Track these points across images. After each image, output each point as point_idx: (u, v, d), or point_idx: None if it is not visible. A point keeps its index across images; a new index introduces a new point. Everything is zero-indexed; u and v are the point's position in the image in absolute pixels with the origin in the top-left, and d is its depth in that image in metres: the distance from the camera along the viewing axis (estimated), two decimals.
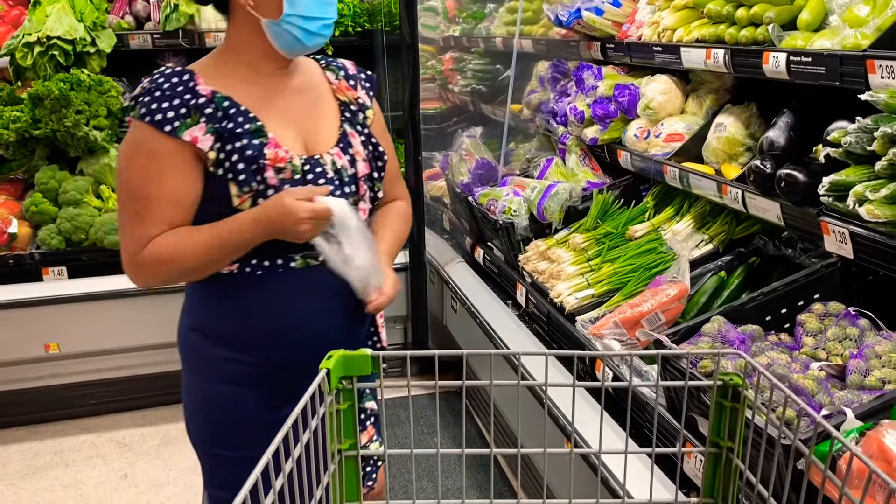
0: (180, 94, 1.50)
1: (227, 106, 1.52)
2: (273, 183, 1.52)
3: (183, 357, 1.72)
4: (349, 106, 1.70)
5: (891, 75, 1.62)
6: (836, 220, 1.74)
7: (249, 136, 1.51)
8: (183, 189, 1.51)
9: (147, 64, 3.82)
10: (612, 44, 2.86)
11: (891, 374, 1.56)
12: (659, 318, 2.18)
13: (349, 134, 1.66)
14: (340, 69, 1.74)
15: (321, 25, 1.57)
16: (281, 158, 1.53)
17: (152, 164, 1.49)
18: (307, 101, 1.65)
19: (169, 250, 1.51)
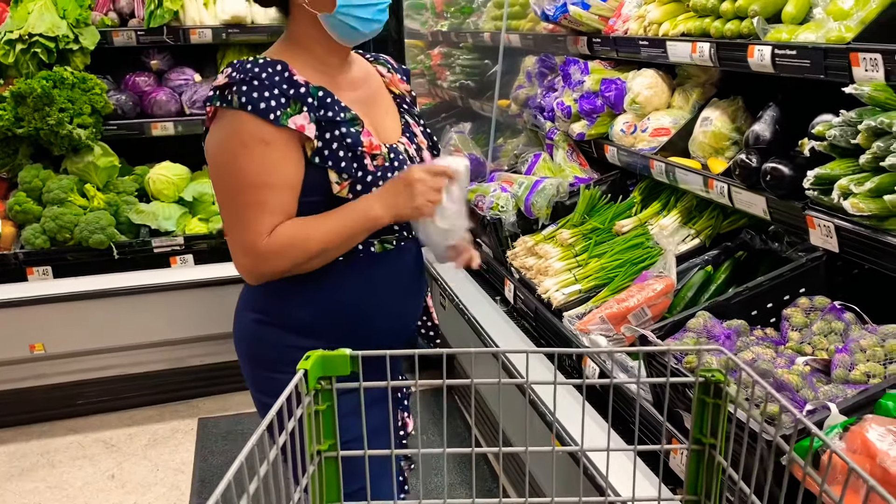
0: (279, 84, 1.52)
1: (323, 95, 1.56)
2: (371, 169, 1.58)
3: (249, 352, 1.74)
4: (405, 98, 1.78)
5: (875, 68, 1.61)
6: (822, 213, 1.73)
7: (347, 124, 1.57)
8: (295, 176, 1.55)
9: (131, 61, 3.79)
10: (599, 38, 2.85)
11: (875, 368, 1.55)
12: (646, 313, 2.17)
13: (411, 125, 1.75)
14: (387, 63, 1.81)
15: (376, 10, 1.58)
16: (376, 146, 1.59)
17: (266, 153, 1.51)
18: (368, 94, 1.70)
19: (295, 233, 1.55)
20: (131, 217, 3.44)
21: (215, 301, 3.32)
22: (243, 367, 1.78)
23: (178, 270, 3.43)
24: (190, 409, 3.51)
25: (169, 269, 3.43)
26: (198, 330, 3.39)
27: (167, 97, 3.67)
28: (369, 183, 1.58)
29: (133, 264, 3.40)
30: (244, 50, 3.85)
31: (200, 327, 3.38)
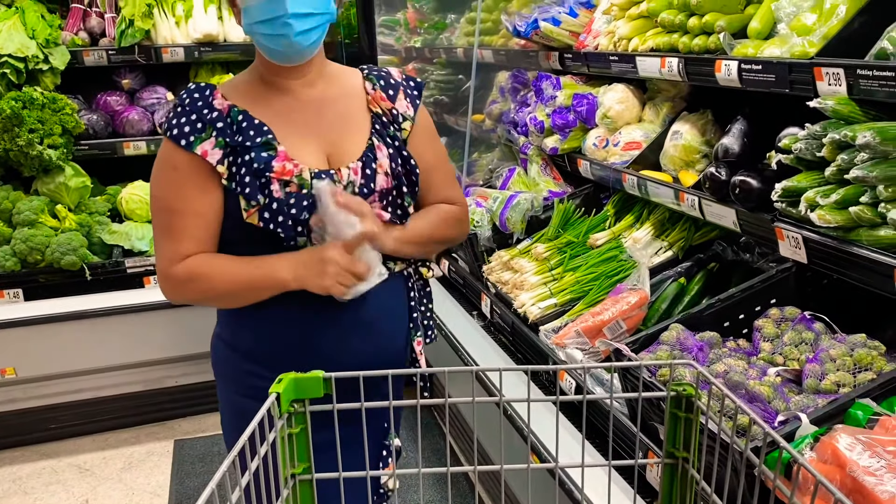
0: (198, 109, 1.54)
1: (241, 119, 1.55)
2: (278, 196, 1.51)
3: (214, 369, 1.74)
4: (381, 117, 1.66)
5: (837, 82, 1.65)
6: (790, 225, 1.76)
7: (258, 149, 1.53)
8: (204, 202, 1.54)
9: (103, 80, 3.76)
10: (570, 54, 2.88)
11: (845, 377, 1.57)
12: (620, 325, 2.18)
13: (376, 147, 1.62)
14: (380, 78, 1.70)
15: (278, 24, 1.50)
16: (288, 171, 1.53)
17: (175, 178, 1.54)
18: (336, 113, 1.63)
19: (202, 271, 1.55)
20: (104, 237, 3.40)
21: (190, 321, 3.28)
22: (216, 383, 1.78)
23: (152, 290, 3.39)
24: (166, 430, 3.46)
25: (143, 289, 3.40)
26: (173, 350, 3.35)
27: (139, 116, 3.64)
28: (276, 210, 1.51)
29: (106, 285, 3.36)
30: (217, 68, 3.84)
31: (175, 348, 3.35)
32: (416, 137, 1.70)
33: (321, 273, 1.50)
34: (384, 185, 1.61)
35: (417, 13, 4.91)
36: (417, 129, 1.70)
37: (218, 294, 1.58)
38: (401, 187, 1.63)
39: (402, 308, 1.72)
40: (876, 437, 1.26)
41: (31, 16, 3.40)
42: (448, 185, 1.80)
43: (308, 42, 1.53)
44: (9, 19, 3.34)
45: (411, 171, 1.65)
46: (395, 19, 5.22)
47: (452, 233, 1.81)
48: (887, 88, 1.53)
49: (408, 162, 1.65)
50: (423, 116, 1.74)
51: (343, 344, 1.62)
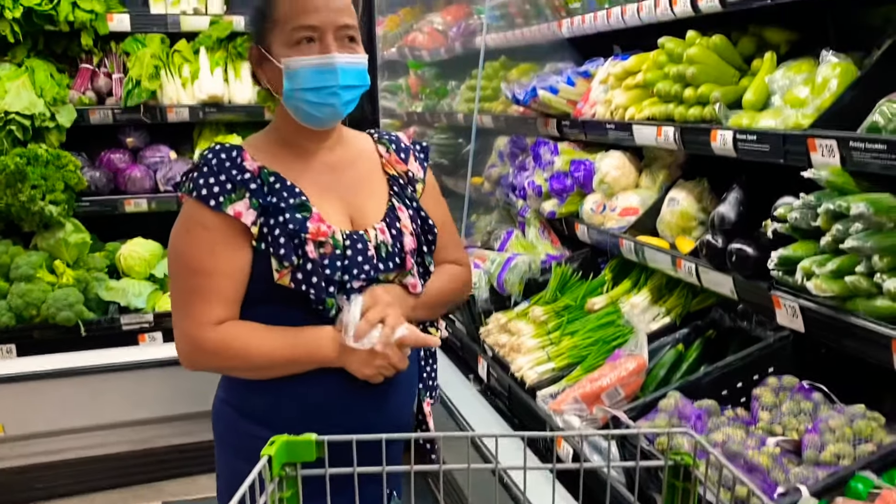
0: (227, 170, 1.53)
1: (273, 181, 1.54)
2: (313, 257, 1.51)
3: (215, 431, 1.69)
4: (398, 180, 1.69)
5: (831, 154, 1.68)
6: (787, 293, 1.76)
7: (293, 210, 1.52)
8: (235, 263, 1.52)
9: (108, 138, 3.81)
10: (568, 121, 2.93)
11: (845, 448, 1.55)
12: (619, 392, 2.16)
13: (397, 208, 1.65)
14: (392, 142, 1.74)
15: (326, 94, 1.53)
16: (322, 233, 1.53)
17: (205, 238, 1.52)
18: (354, 176, 1.65)
19: (238, 343, 1.52)
20: (101, 294, 3.39)
21: (183, 380, 3.24)
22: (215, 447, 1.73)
23: (146, 348, 3.37)
24: (154, 492, 3.39)
25: (137, 346, 3.37)
26: (164, 410, 3.31)
27: (142, 174, 3.68)
28: (310, 271, 1.50)
29: (101, 342, 3.33)
30: (221, 128, 3.90)
31: (167, 407, 3.30)
32: (426, 198, 1.74)
33: (367, 363, 1.52)
34: (411, 244, 1.63)
35: (419, 79, 5.02)
36: (427, 189, 1.75)
37: (252, 367, 1.55)
38: (421, 247, 1.66)
39: (414, 371, 1.72)
40: None
41: (41, 75, 3.47)
42: (454, 246, 1.83)
43: (348, 111, 1.58)
44: (18, 78, 3.41)
45: (429, 230, 1.68)
46: (397, 85, 5.33)
47: (459, 294, 1.85)
48: (880, 160, 1.55)
49: (426, 222, 1.68)
50: (431, 178, 1.79)
51: (359, 409, 1.60)
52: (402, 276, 1.63)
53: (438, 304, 1.76)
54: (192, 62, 3.74)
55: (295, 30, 1.52)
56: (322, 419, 1.56)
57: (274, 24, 1.55)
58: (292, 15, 1.53)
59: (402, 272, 1.62)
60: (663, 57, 2.40)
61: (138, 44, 3.70)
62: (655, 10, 2.37)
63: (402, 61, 5.08)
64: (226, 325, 1.53)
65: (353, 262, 1.55)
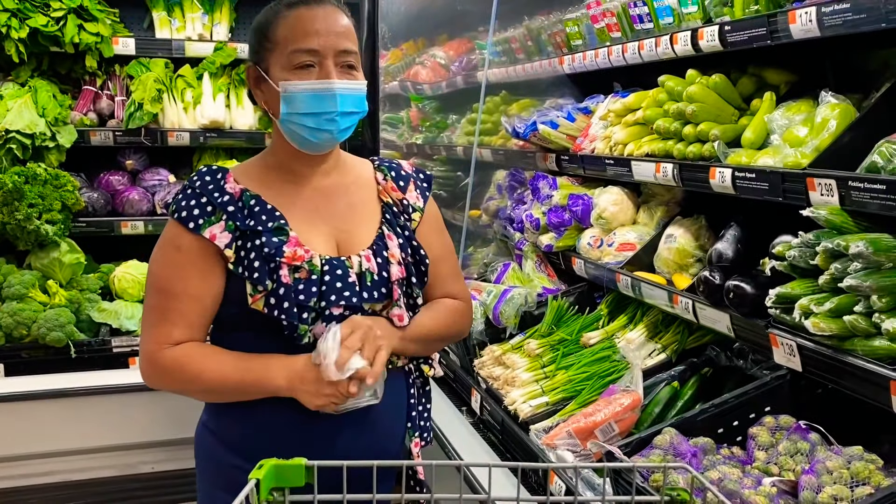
0: (209, 193, 1.52)
1: (253, 204, 1.53)
2: (286, 282, 1.48)
3: (196, 458, 1.68)
4: (392, 207, 1.66)
5: (829, 193, 1.68)
6: (784, 332, 1.75)
7: (270, 233, 1.51)
8: (203, 287, 1.51)
9: (107, 159, 3.81)
10: (567, 156, 2.95)
11: (842, 491, 1.53)
12: (613, 428, 2.13)
13: (386, 236, 1.61)
14: (392, 169, 1.72)
15: (324, 120, 1.52)
16: (299, 257, 1.50)
17: (176, 260, 1.52)
18: (346, 202, 1.63)
19: (191, 362, 1.51)
20: (92, 315, 3.36)
21: (172, 405, 3.19)
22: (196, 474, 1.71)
23: (136, 372, 3.27)
24: None
25: (127, 369, 3.33)
26: (151, 435, 3.25)
27: (139, 196, 3.68)
28: (282, 296, 1.47)
29: (90, 363, 3.29)
30: (220, 153, 3.91)
31: (155, 432, 3.25)
32: (424, 227, 1.70)
33: (316, 393, 1.47)
34: (398, 274, 1.58)
35: (420, 112, 5.05)
36: (426, 219, 1.71)
37: (203, 389, 1.54)
38: (411, 277, 1.61)
39: (401, 406, 1.66)
40: None
41: (43, 95, 3.48)
42: (453, 279, 1.78)
43: (345, 137, 1.58)
44: (21, 97, 3.42)
45: (421, 260, 1.64)
46: (398, 117, 5.37)
47: (456, 329, 1.78)
48: (879, 201, 1.55)
49: (417, 252, 1.64)
50: (432, 208, 1.75)
51: (336, 440, 1.56)
52: (389, 308, 1.58)
53: (432, 339, 1.70)
54: (194, 87, 3.75)
55: (294, 53, 1.51)
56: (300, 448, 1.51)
57: (274, 46, 1.54)
58: (292, 38, 1.51)
59: (389, 303, 1.58)
60: (663, 95, 2.42)
61: (142, 67, 3.72)
62: (657, 48, 2.40)
63: (404, 94, 5.12)
64: (183, 346, 1.52)
65: (332, 288, 1.51)
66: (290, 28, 1.52)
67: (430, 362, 1.74)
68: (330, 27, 1.52)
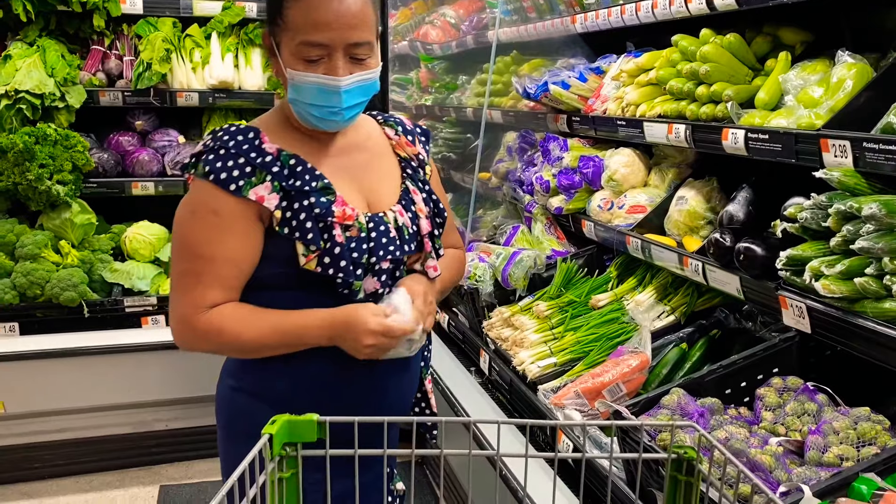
0: (246, 153, 1.47)
1: (294, 164, 1.50)
2: (340, 241, 1.48)
3: (223, 421, 1.66)
4: (410, 162, 1.67)
5: (843, 154, 1.66)
6: (794, 294, 1.75)
7: (317, 193, 1.49)
8: (243, 250, 1.49)
9: (117, 120, 3.81)
10: (578, 117, 2.92)
11: (848, 450, 1.54)
12: (620, 388, 2.15)
13: (411, 191, 1.63)
14: (398, 124, 1.71)
15: (328, 112, 1.49)
16: (348, 216, 1.50)
17: (214, 223, 1.47)
18: (366, 158, 1.63)
19: (230, 324, 1.49)
20: (105, 275, 3.39)
21: (184, 364, 3.24)
22: (218, 436, 1.70)
23: (148, 331, 3.36)
24: (151, 475, 3.39)
25: (140, 329, 3.37)
26: (164, 393, 3.31)
27: (150, 157, 3.68)
28: (338, 255, 1.48)
29: (103, 323, 3.33)
30: (230, 114, 3.89)
31: (167, 390, 3.30)
32: (432, 181, 1.73)
33: (356, 346, 1.49)
34: (427, 228, 1.62)
35: (430, 73, 5.00)
36: (432, 174, 1.75)
37: (241, 349, 1.53)
38: (435, 230, 1.65)
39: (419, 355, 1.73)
40: None
41: (52, 55, 3.47)
42: (452, 229, 1.84)
43: (354, 119, 1.56)
44: (29, 57, 3.40)
45: (439, 213, 1.68)
46: (407, 78, 5.31)
47: (460, 277, 1.87)
48: (893, 162, 1.54)
49: (437, 205, 1.68)
50: (432, 162, 1.79)
51: (377, 384, 1.60)
52: (424, 259, 1.63)
53: (447, 288, 1.79)
54: (203, 47, 3.73)
55: (303, 45, 1.45)
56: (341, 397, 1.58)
57: (285, 27, 1.48)
58: (302, 28, 1.44)
59: (420, 255, 1.63)
60: (677, 54, 2.39)
61: (150, 27, 3.69)
62: (670, 7, 2.35)
63: (413, 55, 5.07)
64: (220, 308, 1.50)
65: (379, 244, 1.53)
66: (302, 14, 1.45)
67: None
68: (342, 18, 1.44)
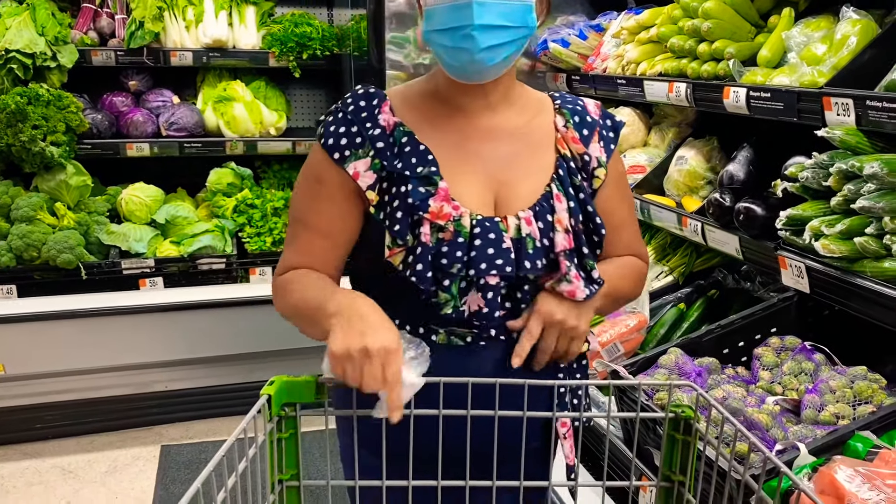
0: (361, 121, 1.32)
1: (405, 142, 1.31)
2: (426, 241, 1.26)
3: None
4: (569, 162, 1.36)
5: (846, 113, 1.64)
6: (793, 254, 1.74)
7: (417, 181, 1.29)
8: (336, 223, 1.34)
9: (110, 81, 3.76)
10: (578, 76, 2.88)
11: (844, 409, 1.55)
12: (618, 348, 2.16)
13: (555, 196, 1.33)
14: (575, 114, 1.39)
15: (459, 36, 1.23)
16: (445, 214, 1.27)
17: (315, 191, 1.35)
18: (513, 149, 1.36)
19: (288, 285, 1.35)
20: (101, 237, 3.38)
21: (183, 325, 3.25)
22: None
23: (146, 293, 3.36)
24: (153, 435, 3.42)
25: (137, 291, 3.37)
26: (164, 355, 3.32)
27: (144, 118, 3.64)
28: (419, 257, 1.26)
29: (101, 285, 3.33)
30: (224, 74, 3.84)
31: (167, 352, 3.31)
32: (607, 189, 1.41)
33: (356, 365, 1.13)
34: (564, 244, 1.30)
35: None
36: (609, 178, 1.40)
37: (290, 313, 1.36)
38: (581, 248, 1.32)
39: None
40: (875, 470, 1.24)
41: (42, 13, 3.40)
42: (638, 243, 1.50)
43: (495, 60, 1.25)
44: (19, 15, 3.34)
45: (595, 230, 1.35)
46: (404, 37, 5.23)
47: (636, 293, 1.50)
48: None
49: (592, 219, 1.35)
50: (617, 164, 1.43)
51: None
52: (556, 283, 1.30)
53: (615, 298, 1.44)
54: (196, 5, 3.66)
55: None
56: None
57: None
58: None
59: (552, 275, 1.31)
60: (678, 11, 2.34)
61: None
62: None
63: (410, 12, 4.98)
64: (295, 270, 1.36)
65: (482, 254, 1.27)
66: None
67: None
68: None
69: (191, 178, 3.85)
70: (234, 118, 3.65)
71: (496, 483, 1.17)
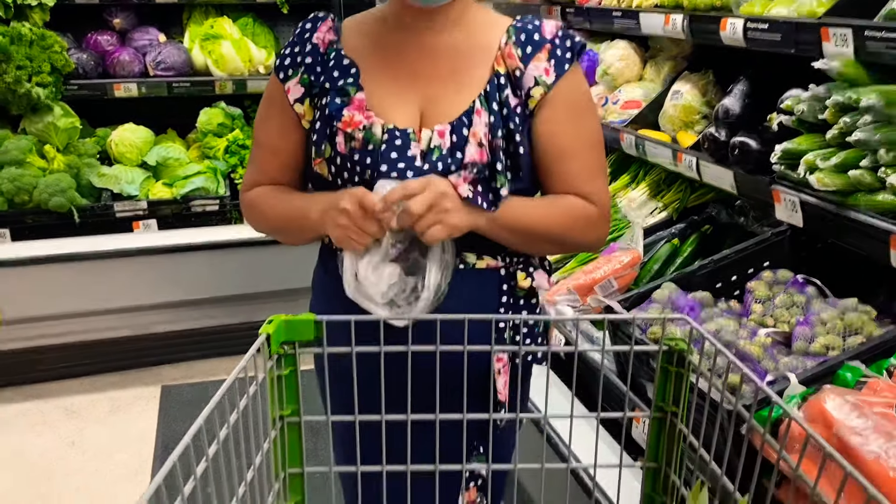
0: (302, 42, 1.42)
1: (333, 57, 1.39)
2: (341, 150, 1.33)
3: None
4: (499, 78, 1.34)
5: (844, 43, 1.62)
6: (788, 188, 1.75)
7: (335, 92, 1.36)
8: (279, 140, 1.44)
9: (93, 19, 3.67)
10: (572, 8, 2.83)
11: (835, 340, 1.58)
12: (612, 284, 2.18)
13: (475, 111, 1.32)
14: (523, 31, 1.36)
15: None
16: (356, 123, 1.32)
17: (265, 110, 1.47)
18: (451, 67, 1.37)
19: (257, 202, 1.48)
20: (93, 180, 3.35)
21: (179, 267, 3.25)
22: None
23: (140, 236, 3.36)
24: (153, 376, 3.46)
25: (131, 234, 3.36)
26: (161, 296, 3.34)
27: (130, 57, 3.57)
28: (340, 166, 1.34)
29: (94, 228, 3.32)
30: (210, 10, 3.75)
31: (164, 294, 3.33)
32: (549, 110, 1.35)
33: (333, 221, 1.28)
34: (475, 157, 1.30)
35: None
36: (556, 100, 1.34)
37: (270, 227, 1.51)
38: (495, 164, 1.31)
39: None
40: (864, 399, 1.27)
41: None
42: (587, 179, 1.39)
43: None
44: None
45: (515, 148, 1.34)
46: None
47: (576, 235, 1.41)
48: (894, 50, 1.50)
49: (513, 136, 1.33)
50: (571, 86, 1.36)
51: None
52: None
53: (537, 235, 1.37)
54: None
55: None
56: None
57: None
58: None
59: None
60: None
61: None
62: None
63: None
64: (259, 188, 1.48)
65: (386, 159, 1.31)
66: None
67: (528, 269, 1.43)
68: None
69: (180, 119, 3.80)
70: (223, 56, 3.58)
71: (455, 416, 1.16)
